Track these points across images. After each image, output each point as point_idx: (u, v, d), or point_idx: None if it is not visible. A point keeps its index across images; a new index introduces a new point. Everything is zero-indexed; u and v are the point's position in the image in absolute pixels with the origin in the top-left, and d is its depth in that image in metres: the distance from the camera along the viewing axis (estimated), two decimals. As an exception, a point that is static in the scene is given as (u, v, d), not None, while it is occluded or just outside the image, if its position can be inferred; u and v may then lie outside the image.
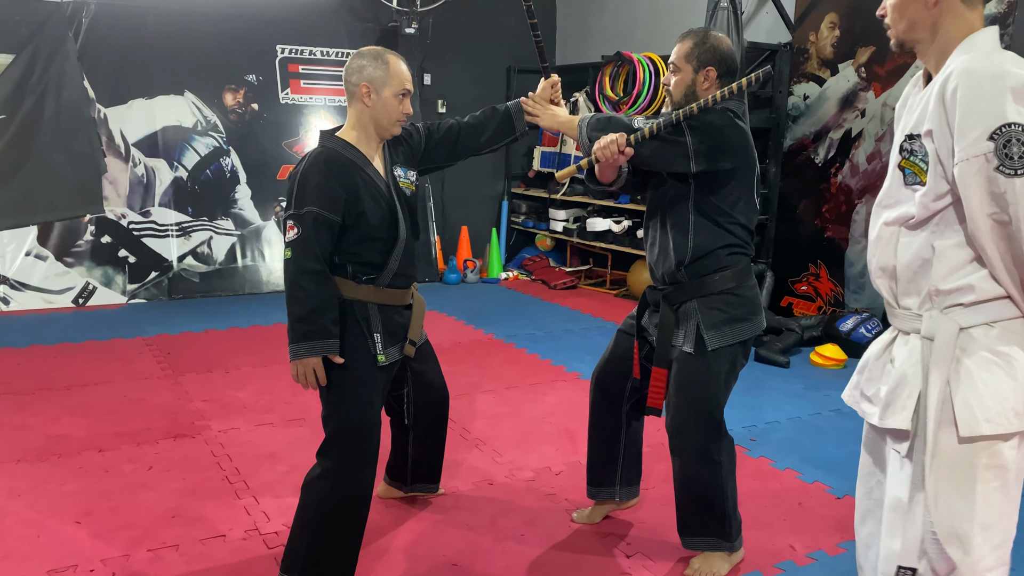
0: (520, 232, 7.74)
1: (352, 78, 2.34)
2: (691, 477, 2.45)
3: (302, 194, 2.25)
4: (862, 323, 4.96)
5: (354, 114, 2.38)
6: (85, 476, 3.10)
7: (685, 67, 2.40)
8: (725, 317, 2.38)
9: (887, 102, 4.99)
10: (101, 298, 5.87)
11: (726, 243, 2.39)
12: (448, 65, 7.25)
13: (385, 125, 2.37)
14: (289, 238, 2.24)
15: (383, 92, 2.33)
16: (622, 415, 2.70)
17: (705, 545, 2.51)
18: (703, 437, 2.41)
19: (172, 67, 6.09)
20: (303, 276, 2.23)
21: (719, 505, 2.46)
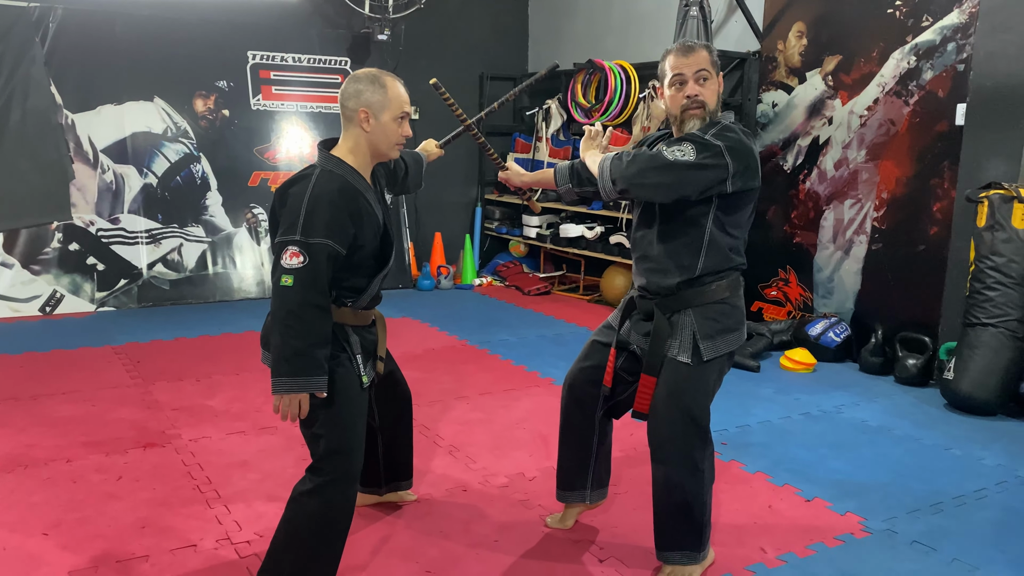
0: (494, 238, 7.75)
1: (349, 103, 2.28)
2: (675, 485, 2.42)
3: (313, 222, 2.15)
4: (831, 327, 5.03)
5: (351, 138, 2.31)
6: (53, 487, 3.06)
7: (714, 74, 2.37)
8: (719, 327, 2.38)
9: (853, 110, 5.07)
10: (69, 306, 5.79)
11: (730, 264, 2.39)
12: (421, 72, 7.19)
13: (384, 150, 2.34)
14: (291, 265, 2.12)
15: (382, 116, 2.28)
16: (595, 421, 2.69)
17: (680, 559, 2.49)
18: (690, 445, 2.39)
19: (141, 73, 6.03)
20: (307, 309, 2.14)
21: (698, 514, 2.44)
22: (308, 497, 2.27)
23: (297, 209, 2.17)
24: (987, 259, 4.16)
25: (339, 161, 2.29)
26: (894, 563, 2.68)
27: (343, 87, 2.32)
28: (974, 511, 3.08)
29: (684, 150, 2.21)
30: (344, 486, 2.29)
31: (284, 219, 2.20)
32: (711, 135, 2.26)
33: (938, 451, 3.66)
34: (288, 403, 2.17)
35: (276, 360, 2.16)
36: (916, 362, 4.58)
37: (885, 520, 2.98)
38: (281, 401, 2.17)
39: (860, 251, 5.10)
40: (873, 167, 5.00)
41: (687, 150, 2.20)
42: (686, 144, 2.23)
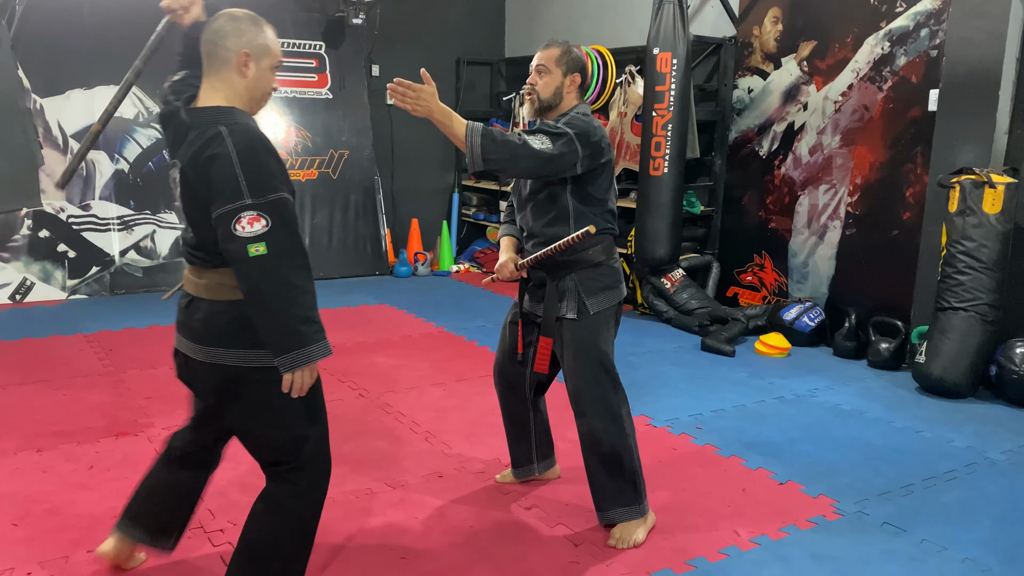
0: (471, 224, 7.73)
1: (227, 43, 1.99)
2: (597, 436, 2.64)
3: (263, 178, 1.92)
4: (805, 312, 5.07)
5: (225, 85, 2.02)
6: (22, 477, 3.02)
7: (556, 70, 2.62)
8: (601, 285, 2.66)
9: (828, 95, 5.09)
10: (39, 294, 5.71)
11: (600, 227, 2.65)
12: (396, 56, 7.19)
13: (258, 98, 2.08)
14: (255, 231, 1.89)
15: (263, 62, 2.05)
16: (527, 401, 2.95)
17: (621, 515, 2.68)
18: (602, 391, 2.64)
19: (111, 56, 5.91)
20: (295, 272, 1.94)
21: (627, 462, 2.66)
22: (295, 501, 2.14)
23: (230, 172, 1.90)
24: (958, 244, 4.20)
25: (232, 110, 2.01)
26: (865, 544, 2.72)
27: (214, 25, 2.03)
28: (943, 492, 3.12)
29: (543, 140, 2.47)
30: (326, 482, 2.20)
31: (217, 188, 1.91)
32: (562, 123, 2.54)
33: (909, 434, 3.71)
34: (304, 376, 1.97)
35: (281, 335, 1.93)
36: (888, 346, 4.63)
37: (856, 502, 3.01)
38: (294, 376, 1.95)
39: (834, 236, 5.13)
40: (847, 153, 5.03)
41: (545, 141, 2.47)
42: (542, 136, 2.49)
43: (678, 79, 5.22)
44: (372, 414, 3.75)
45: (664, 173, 5.32)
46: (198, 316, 2.06)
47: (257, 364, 2.02)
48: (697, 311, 5.36)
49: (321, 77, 6.80)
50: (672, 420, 3.76)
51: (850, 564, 2.59)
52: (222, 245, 1.94)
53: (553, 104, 2.65)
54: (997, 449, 3.54)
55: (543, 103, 2.65)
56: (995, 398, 4.20)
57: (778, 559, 2.61)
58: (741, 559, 2.61)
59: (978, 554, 2.67)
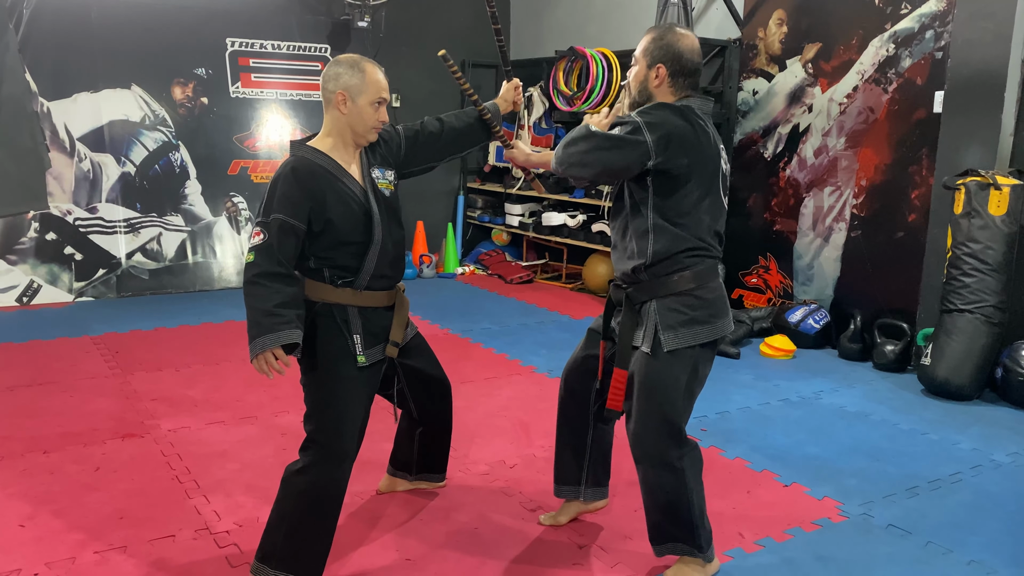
0: (476, 227, 7.74)
1: (329, 85, 2.38)
2: (654, 485, 2.38)
3: (270, 202, 2.30)
4: (810, 314, 5.06)
5: (330, 121, 2.42)
6: (29, 478, 3.04)
7: (641, 61, 2.38)
8: (683, 319, 2.30)
9: (833, 97, 5.09)
10: (47, 296, 5.73)
11: (688, 247, 2.31)
12: (402, 59, 7.21)
13: (361, 132, 2.41)
14: (254, 243, 2.28)
15: (359, 100, 2.37)
16: (589, 415, 2.66)
17: (675, 550, 2.45)
18: (662, 444, 2.33)
19: (118, 60, 5.96)
20: (266, 277, 2.27)
21: (685, 515, 2.38)
22: (296, 476, 2.34)
23: (264, 194, 2.35)
24: (964, 246, 4.19)
25: (301, 145, 2.41)
26: (870, 547, 2.71)
27: (324, 70, 2.41)
28: (949, 495, 3.11)
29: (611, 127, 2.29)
30: (331, 466, 2.34)
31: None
32: (634, 113, 2.28)
33: (915, 436, 3.70)
34: (264, 361, 2.26)
35: (249, 327, 2.26)
36: (894, 348, 4.62)
37: (861, 504, 3.01)
38: (257, 362, 2.26)
39: (839, 238, 5.13)
40: (852, 154, 5.02)
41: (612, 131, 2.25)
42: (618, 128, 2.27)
43: (683, 81, 5.21)
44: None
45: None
46: None
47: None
48: (702, 313, 5.34)
49: (327, 80, 6.81)
50: None
51: (855, 566, 2.59)
52: None
53: (641, 101, 2.35)
54: (1003, 452, 3.53)
55: (632, 100, 2.39)
56: (1000, 400, 4.19)
57: (783, 562, 2.61)
58: (746, 561, 2.61)
59: (984, 556, 2.66)
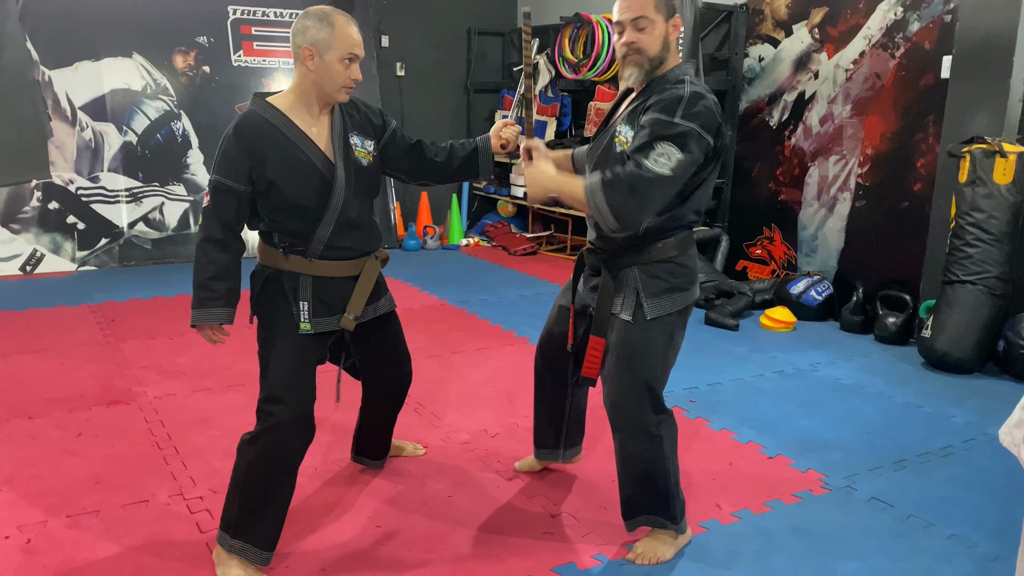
0: (482, 198, 7.68)
1: (296, 39, 2.22)
2: (632, 453, 2.34)
3: (216, 161, 2.25)
4: (812, 286, 4.97)
5: (296, 77, 2.27)
6: (11, 443, 3.06)
7: (660, 19, 2.19)
8: (666, 286, 2.26)
9: (839, 63, 4.96)
10: (49, 265, 5.77)
11: (685, 221, 2.27)
12: (406, 27, 7.13)
13: (329, 91, 2.25)
14: (204, 205, 2.29)
15: (327, 56, 2.20)
16: (567, 384, 2.68)
17: (648, 522, 2.42)
18: (641, 411, 2.29)
19: (119, 28, 5.94)
20: (207, 243, 2.25)
21: (662, 484, 2.35)
22: (248, 446, 2.28)
23: None
24: (968, 215, 4.08)
25: (261, 100, 2.28)
26: (848, 518, 2.66)
27: (294, 23, 2.24)
28: (937, 468, 3.05)
29: (667, 153, 2.03)
30: (279, 434, 2.25)
31: None
32: (680, 116, 2.06)
33: (909, 409, 3.63)
34: (207, 334, 2.32)
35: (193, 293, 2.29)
36: (896, 320, 4.53)
37: (846, 477, 2.96)
38: (199, 331, 2.32)
39: (844, 208, 5.02)
40: (858, 122, 4.90)
41: (671, 152, 2.03)
42: (664, 145, 2.04)
43: (686, 47, 5.11)
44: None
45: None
46: None
47: None
48: (703, 285, 5.27)
49: (330, 48, 6.75)
50: (666, 393, 3.64)
51: (831, 539, 2.54)
52: None
53: (664, 58, 2.19)
54: (998, 425, 3.44)
55: (654, 62, 2.19)
56: (1002, 374, 4.09)
57: (758, 533, 2.57)
58: (720, 532, 2.57)
59: (966, 531, 2.60)
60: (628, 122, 2.21)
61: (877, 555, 2.46)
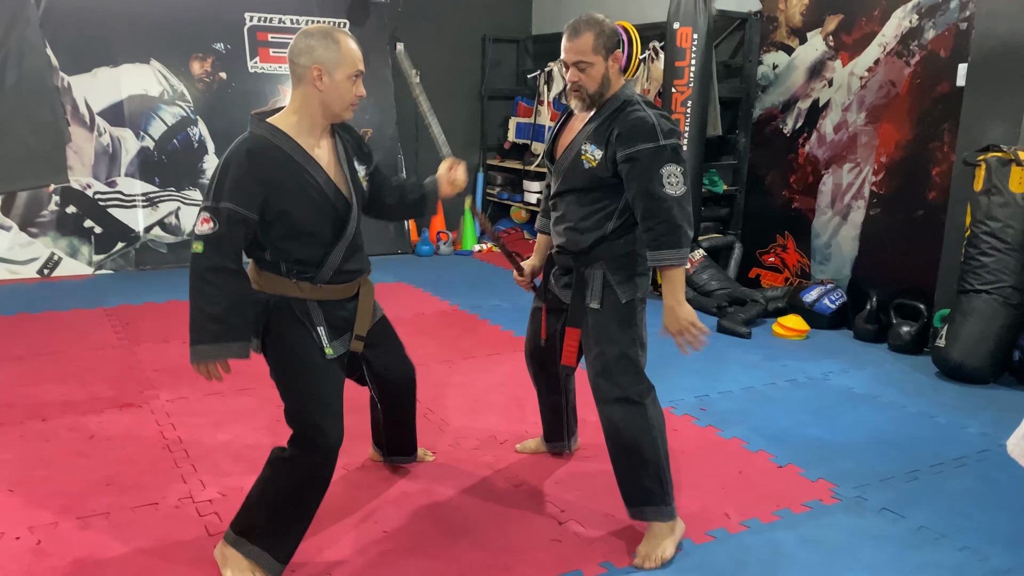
0: (495, 204, 7.69)
1: (301, 60, 2.17)
2: (619, 423, 2.48)
3: (220, 186, 2.12)
4: (826, 294, 4.94)
5: (300, 98, 2.21)
6: (24, 445, 3.09)
7: (598, 59, 2.41)
8: (632, 273, 2.52)
9: (854, 71, 4.93)
10: (67, 269, 5.83)
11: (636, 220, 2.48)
12: (421, 34, 7.15)
13: (337, 111, 2.23)
14: (203, 231, 2.11)
15: (336, 74, 2.18)
16: (560, 381, 2.95)
17: (649, 515, 2.49)
18: (625, 380, 2.48)
19: (137, 35, 6.00)
20: (215, 274, 2.11)
21: (651, 456, 2.47)
22: (284, 464, 2.27)
23: (214, 174, 2.16)
24: (983, 224, 4.04)
25: (265, 124, 2.20)
26: (858, 529, 2.64)
27: (292, 44, 2.20)
28: (950, 479, 3.02)
29: (673, 173, 2.33)
30: (318, 460, 2.26)
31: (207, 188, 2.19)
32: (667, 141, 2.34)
33: (922, 419, 3.60)
34: (208, 371, 2.17)
35: (192, 327, 2.13)
36: (910, 329, 4.49)
37: (856, 487, 2.93)
38: (199, 368, 2.17)
39: (858, 216, 4.99)
40: (872, 130, 4.87)
41: (674, 171, 2.33)
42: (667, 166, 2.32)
43: (699, 55, 5.10)
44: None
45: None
46: None
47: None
48: (716, 292, 5.26)
49: (345, 55, 6.79)
50: (676, 401, 3.70)
51: (840, 549, 2.52)
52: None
53: (604, 93, 2.45)
54: (1013, 436, 3.41)
55: (594, 97, 2.45)
56: (1018, 384, 4.05)
57: (766, 543, 2.55)
58: (728, 542, 2.56)
59: (977, 543, 2.57)
60: (593, 141, 2.45)
61: (887, 566, 2.44)
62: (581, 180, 2.49)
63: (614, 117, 2.43)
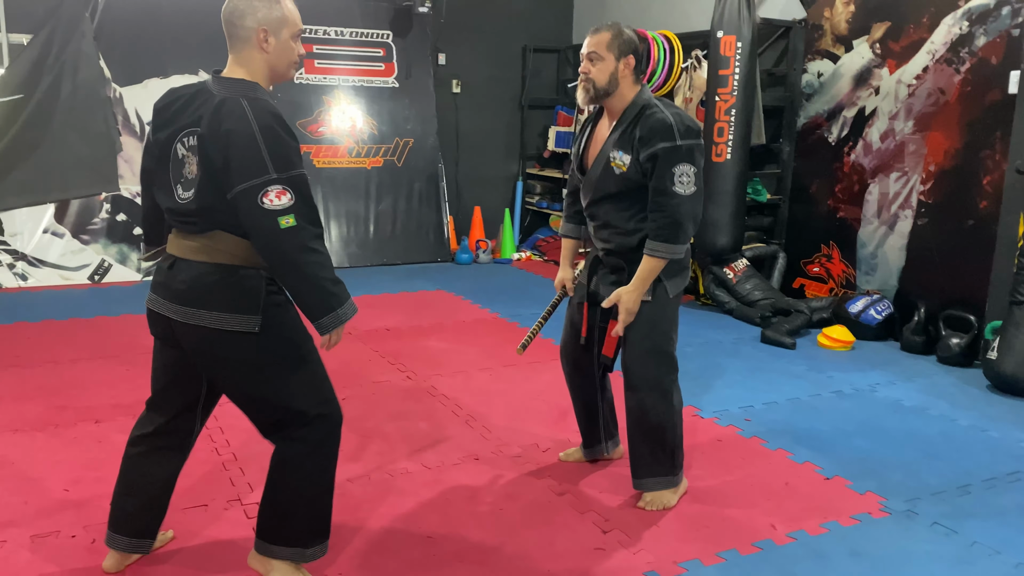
0: (535, 213, 7.71)
1: (245, 21, 2.06)
2: (645, 410, 2.68)
3: (281, 155, 1.98)
4: (872, 305, 4.87)
5: (245, 61, 2.10)
6: (77, 446, 3.16)
7: (609, 56, 2.57)
8: (677, 268, 2.65)
9: (901, 79, 4.87)
10: (116, 275, 5.96)
11: None
12: (463, 44, 7.22)
13: (282, 71, 2.15)
14: (284, 204, 1.96)
15: (282, 34, 2.09)
16: (595, 381, 2.98)
17: (654, 484, 2.77)
18: (657, 368, 2.68)
19: (186, 46, 6.14)
20: (316, 240, 2.03)
21: (670, 437, 2.72)
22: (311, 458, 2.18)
23: (253, 147, 1.96)
24: (1036, 234, 3.96)
25: (254, 85, 2.09)
26: (909, 543, 2.59)
27: (230, 5, 2.08)
28: (1003, 494, 2.95)
29: (686, 172, 2.51)
30: (335, 431, 2.22)
31: (239, 160, 1.96)
32: (683, 141, 2.50)
33: (974, 432, 3.52)
34: (340, 333, 2.10)
35: (318, 298, 2.03)
36: (960, 341, 4.40)
37: (907, 500, 2.88)
38: (332, 336, 2.09)
39: (905, 226, 4.91)
40: (921, 139, 4.79)
41: (687, 171, 2.51)
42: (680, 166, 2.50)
43: (743, 63, 5.07)
44: (416, 396, 3.79)
45: (727, 160, 5.19)
46: (182, 277, 2.10)
47: (232, 328, 2.06)
48: (760, 302, 5.21)
49: (388, 66, 6.88)
50: (721, 412, 3.67)
51: (890, 563, 2.48)
52: (245, 218, 1.99)
53: (610, 91, 2.59)
54: (1069, 451, 3.33)
55: (599, 91, 2.60)
56: (1074, 398, 3.95)
57: (813, 555, 2.52)
58: (774, 553, 2.53)
59: (1034, 559, 2.51)
60: (620, 147, 2.60)
61: (939, 582, 2.39)
62: (615, 185, 2.64)
63: (635, 121, 2.58)
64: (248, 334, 2.07)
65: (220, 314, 2.06)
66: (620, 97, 2.61)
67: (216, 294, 2.07)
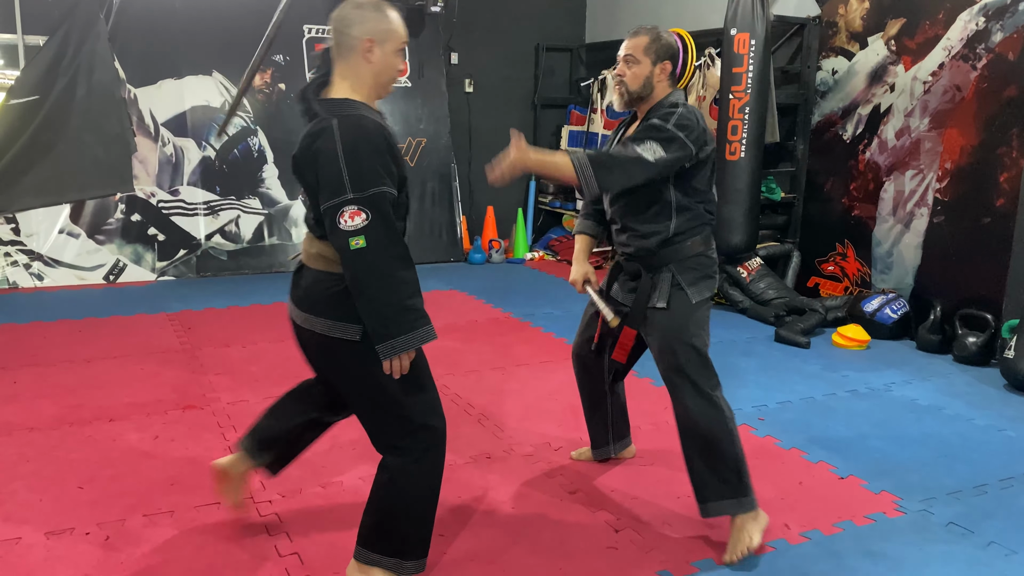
0: (548, 212, 7.70)
1: (352, 31, 2.06)
2: (693, 417, 2.52)
3: (360, 173, 1.98)
4: (887, 304, 4.83)
5: (351, 73, 2.09)
6: (92, 444, 3.18)
7: (645, 60, 2.52)
8: (700, 275, 2.59)
9: (917, 76, 4.83)
10: (131, 275, 6.00)
11: (702, 220, 2.60)
12: (475, 44, 7.21)
13: (384, 83, 2.15)
14: (356, 225, 1.96)
15: (387, 47, 2.09)
16: (604, 384, 2.96)
17: (726, 508, 2.49)
18: (695, 373, 2.53)
19: (200, 48, 6.17)
20: (394, 262, 2.01)
21: (728, 448, 2.50)
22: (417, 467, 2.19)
23: (335, 167, 1.98)
24: (1054, 232, 3.91)
25: (349, 102, 2.08)
26: (925, 544, 2.57)
27: (339, 14, 2.09)
28: (1020, 494, 2.92)
29: (655, 149, 2.41)
30: (443, 445, 2.23)
31: (324, 180, 2.00)
32: (673, 124, 2.43)
33: (990, 432, 3.49)
34: (404, 361, 2.08)
35: (379, 323, 2.03)
36: (976, 340, 4.36)
37: (922, 500, 2.85)
38: (393, 363, 2.06)
39: (921, 224, 4.87)
40: (936, 136, 4.75)
41: (657, 149, 2.41)
42: (652, 143, 2.41)
43: (756, 61, 5.04)
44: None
45: (741, 158, 5.16)
46: (303, 283, 2.20)
47: (340, 336, 2.11)
48: (774, 301, 5.18)
49: (400, 65, 6.88)
50: (735, 411, 3.60)
51: (906, 564, 2.45)
52: (329, 235, 2.05)
53: (644, 95, 2.54)
54: (1088, 451, 3.29)
55: (632, 94, 2.55)
56: (1093, 398, 3.90)
57: (828, 555, 2.50)
58: (788, 552, 2.51)
59: (1052, 560, 2.48)
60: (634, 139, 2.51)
61: (955, 582, 2.37)
62: None
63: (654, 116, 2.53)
64: (351, 342, 2.10)
65: (327, 320, 2.12)
66: (654, 101, 2.56)
67: (325, 301, 2.12)
